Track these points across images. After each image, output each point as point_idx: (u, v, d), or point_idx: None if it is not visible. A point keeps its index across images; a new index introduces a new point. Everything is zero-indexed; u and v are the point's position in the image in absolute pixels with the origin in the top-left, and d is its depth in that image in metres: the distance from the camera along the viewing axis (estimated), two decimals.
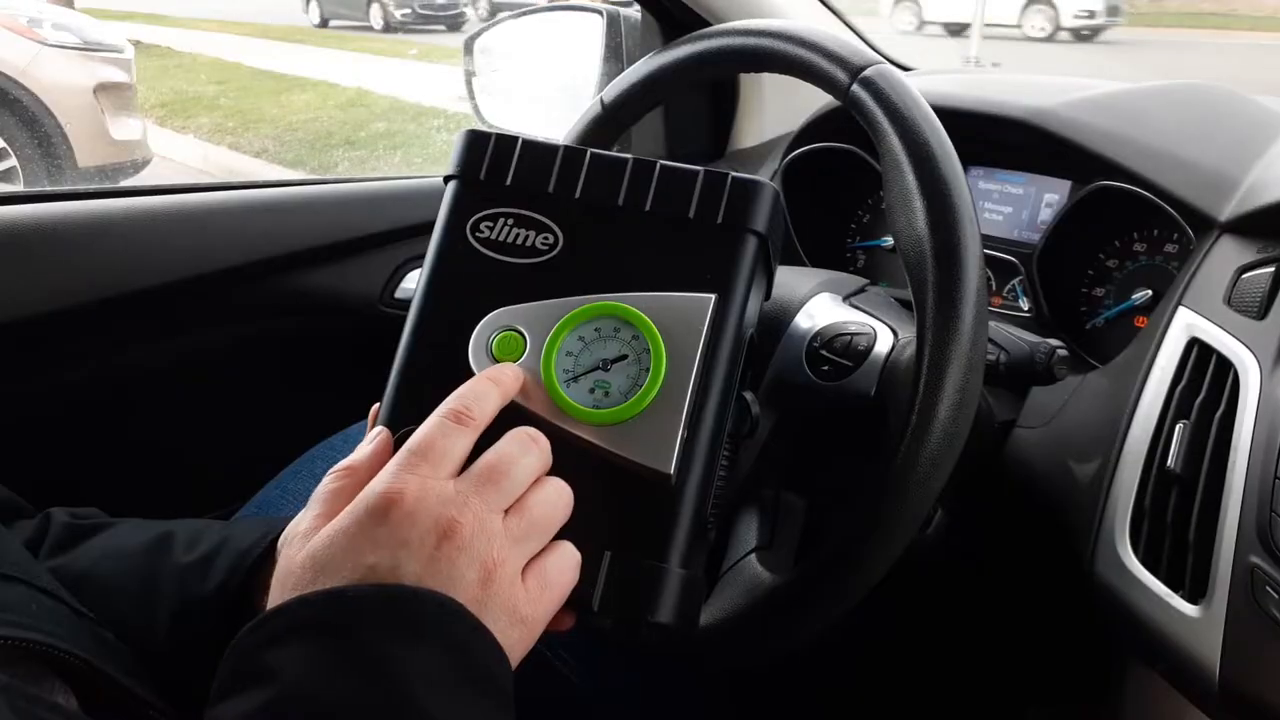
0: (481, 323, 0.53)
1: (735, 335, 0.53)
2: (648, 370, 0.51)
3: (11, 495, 0.67)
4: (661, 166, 0.54)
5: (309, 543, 0.47)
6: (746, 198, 0.54)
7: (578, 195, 0.55)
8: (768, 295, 0.60)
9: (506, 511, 0.49)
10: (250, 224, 1.15)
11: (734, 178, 0.54)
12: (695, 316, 0.52)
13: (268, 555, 0.59)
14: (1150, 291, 0.91)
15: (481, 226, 0.55)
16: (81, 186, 1.15)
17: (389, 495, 0.47)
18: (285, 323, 1.19)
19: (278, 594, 0.47)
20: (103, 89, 3.21)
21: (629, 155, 0.56)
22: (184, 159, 5.44)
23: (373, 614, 0.44)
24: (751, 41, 0.74)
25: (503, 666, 0.46)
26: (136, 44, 4.81)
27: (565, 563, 0.50)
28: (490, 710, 0.45)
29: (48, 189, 2.63)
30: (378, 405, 0.55)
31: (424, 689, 0.43)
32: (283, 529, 0.59)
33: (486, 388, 0.51)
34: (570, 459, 0.51)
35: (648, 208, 0.54)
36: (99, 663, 0.50)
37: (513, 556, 0.48)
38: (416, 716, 0.42)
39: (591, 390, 0.52)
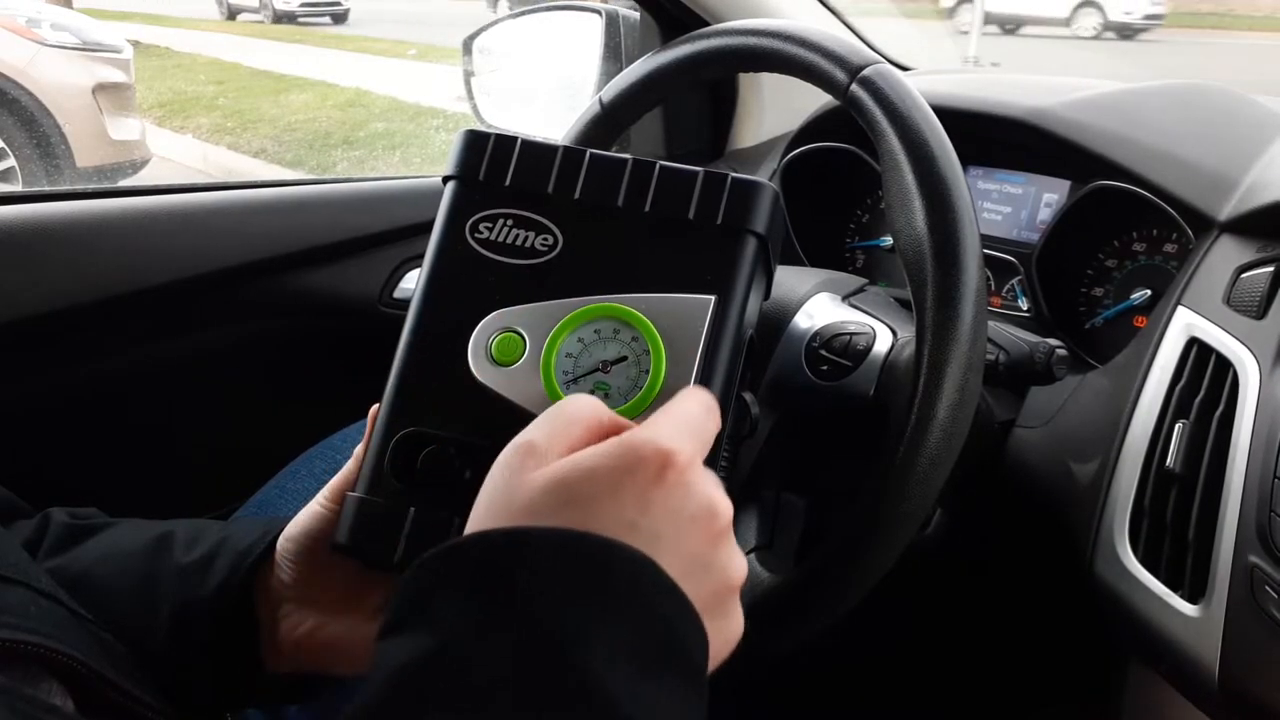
0: (480, 324, 0.53)
1: (735, 336, 0.53)
2: (647, 372, 0.51)
3: (10, 495, 0.67)
4: (661, 167, 0.54)
5: (555, 466, 0.42)
6: (746, 198, 0.54)
7: (577, 196, 0.54)
8: (767, 295, 0.60)
9: None
10: (249, 224, 1.15)
11: (734, 178, 0.54)
12: (695, 318, 0.52)
13: (268, 555, 0.59)
14: (1149, 291, 0.91)
15: (480, 227, 0.55)
16: (80, 186, 1.15)
17: (667, 452, 0.42)
18: (285, 323, 1.19)
19: (501, 509, 0.42)
20: (101, 89, 3.21)
21: (628, 156, 0.55)
22: (183, 159, 5.44)
23: (560, 572, 0.38)
24: (750, 41, 0.74)
25: (703, 649, 0.41)
26: (135, 44, 4.81)
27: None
28: (682, 691, 0.39)
29: (46, 189, 2.63)
30: (377, 406, 0.55)
31: (605, 665, 0.36)
32: (282, 528, 0.59)
33: (711, 400, 0.48)
34: None
35: (647, 208, 0.54)
36: (97, 665, 0.50)
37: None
38: (592, 697, 0.36)
39: (591, 392, 0.52)
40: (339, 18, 11.83)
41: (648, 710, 0.37)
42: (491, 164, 0.55)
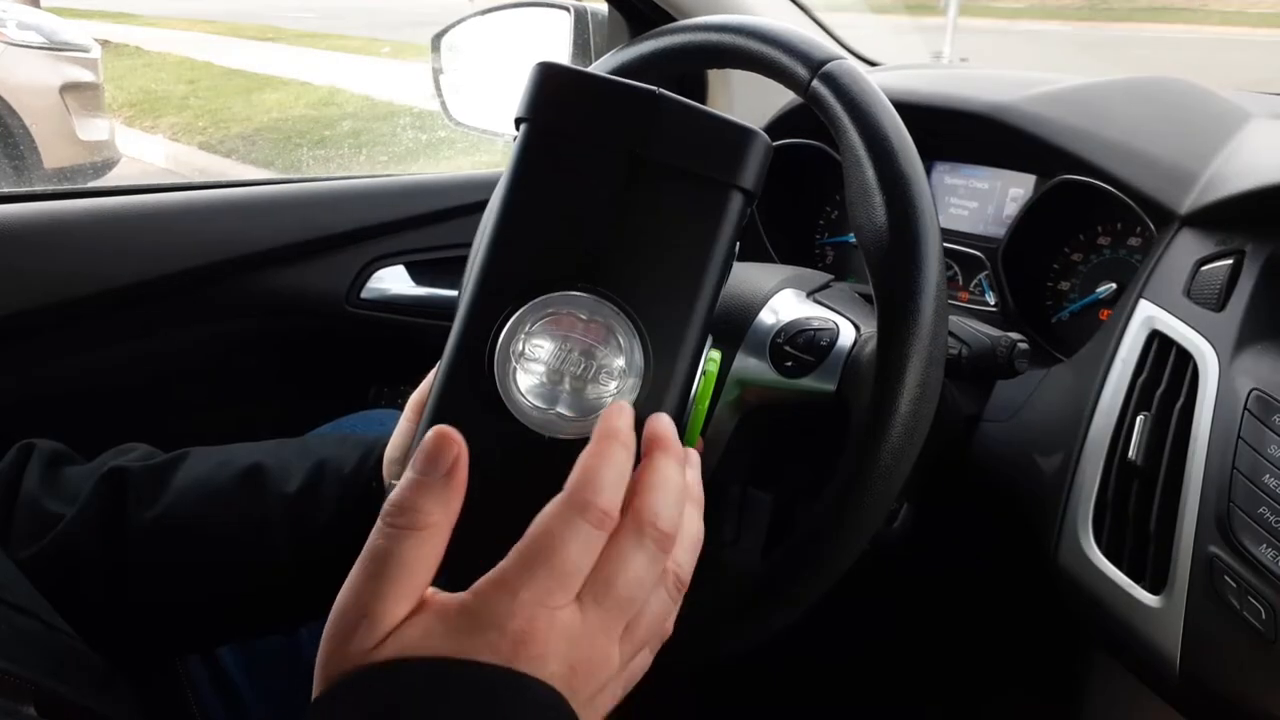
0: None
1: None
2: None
3: None
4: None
5: (394, 640, 0.39)
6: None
7: None
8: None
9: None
10: (217, 224, 1.14)
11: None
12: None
13: (375, 474, 0.61)
14: (1114, 285, 0.91)
15: None
16: (45, 188, 1.14)
17: (517, 635, 0.39)
18: (252, 322, 1.18)
19: (321, 684, 0.41)
20: (69, 89, 3.18)
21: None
22: (152, 159, 5.39)
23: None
24: (714, 37, 0.73)
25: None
26: (104, 43, 4.76)
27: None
28: None
29: (11, 190, 2.60)
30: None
31: None
32: (376, 449, 0.62)
33: (621, 459, 0.43)
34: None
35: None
36: (52, 684, 0.50)
37: (620, 687, 0.44)
38: None
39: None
40: None
41: None
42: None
